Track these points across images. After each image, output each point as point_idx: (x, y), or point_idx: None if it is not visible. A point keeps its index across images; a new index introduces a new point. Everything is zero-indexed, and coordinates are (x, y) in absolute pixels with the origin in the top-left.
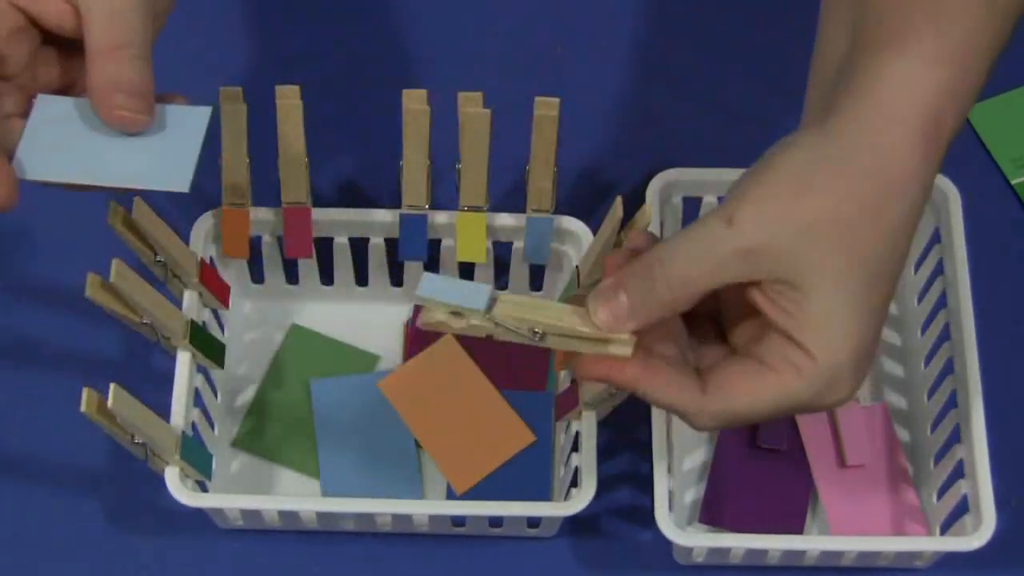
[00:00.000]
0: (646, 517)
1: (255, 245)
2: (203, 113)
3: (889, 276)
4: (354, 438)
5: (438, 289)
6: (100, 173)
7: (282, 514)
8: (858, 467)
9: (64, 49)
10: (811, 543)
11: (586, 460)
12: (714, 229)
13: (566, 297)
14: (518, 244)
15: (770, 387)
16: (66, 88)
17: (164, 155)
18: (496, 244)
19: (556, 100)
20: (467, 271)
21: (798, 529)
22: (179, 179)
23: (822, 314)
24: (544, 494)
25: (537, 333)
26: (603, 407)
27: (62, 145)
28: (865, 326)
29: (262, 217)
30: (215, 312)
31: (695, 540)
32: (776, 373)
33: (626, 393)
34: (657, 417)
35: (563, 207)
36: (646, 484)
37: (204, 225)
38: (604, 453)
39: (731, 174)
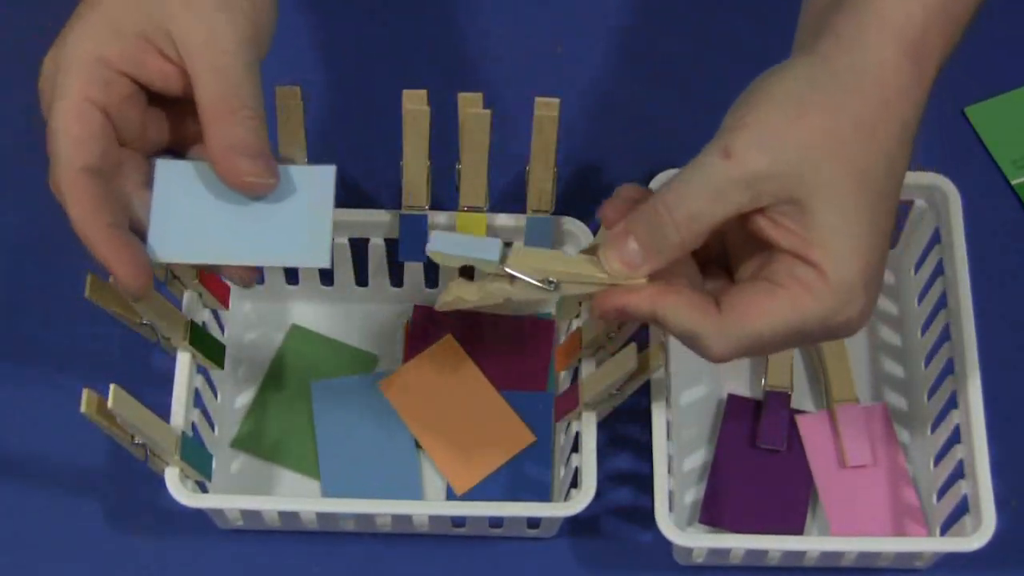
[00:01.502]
0: (646, 518)
1: None
2: (328, 172)
3: (889, 195)
4: (354, 439)
5: (450, 244)
6: (233, 252)
7: (282, 515)
8: (858, 467)
9: (170, 107)
10: (811, 544)
11: (586, 460)
12: (713, 164)
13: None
14: (518, 244)
15: (784, 305)
16: (178, 144)
17: (296, 224)
18: None
19: (556, 100)
20: (467, 273)
21: (798, 530)
22: (316, 253)
23: (829, 229)
24: (544, 495)
25: (552, 283)
26: (603, 407)
27: (191, 222)
28: (871, 243)
29: None
30: (215, 313)
31: (695, 541)
32: (788, 290)
33: (627, 394)
34: (657, 417)
35: (563, 207)
36: (646, 484)
37: None
38: (604, 454)
39: None
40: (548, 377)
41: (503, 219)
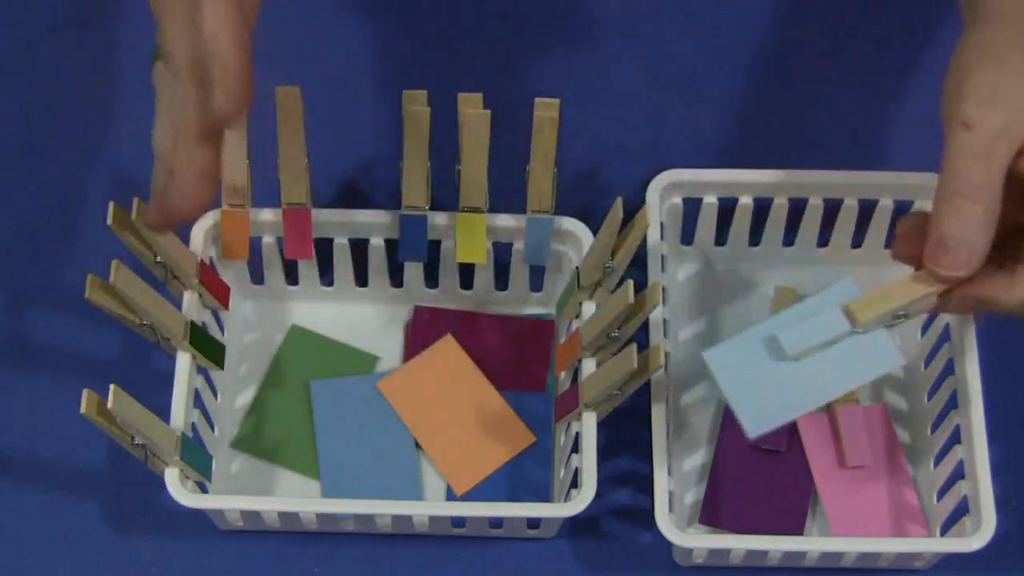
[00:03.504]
0: (646, 518)
1: (255, 246)
2: (849, 287)
3: None
4: (354, 439)
5: (800, 341)
6: (823, 394)
7: (282, 515)
8: (858, 468)
9: None
10: (811, 544)
11: (586, 461)
12: (962, 138)
13: (565, 300)
14: (518, 245)
15: None
16: None
17: (860, 347)
18: (496, 245)
19: (556, 101)
20: (467, 272)
21: (798, 530)
22: (889, 359)
23: None
24: (544, 495)
25: (903, 315)
26: (603, 408)
27: (768, 389)
28: None
29: (262, 218)
30: (215, 313)
31: (695, 541)
32: None
33: (627, 394)
34: (657, 417)
35: (563, 207)
36: (646, 485)
37: (204, 226)
38: (604, 454)
39: (731, 174)
40: (548, 378)
41: (503, 219)
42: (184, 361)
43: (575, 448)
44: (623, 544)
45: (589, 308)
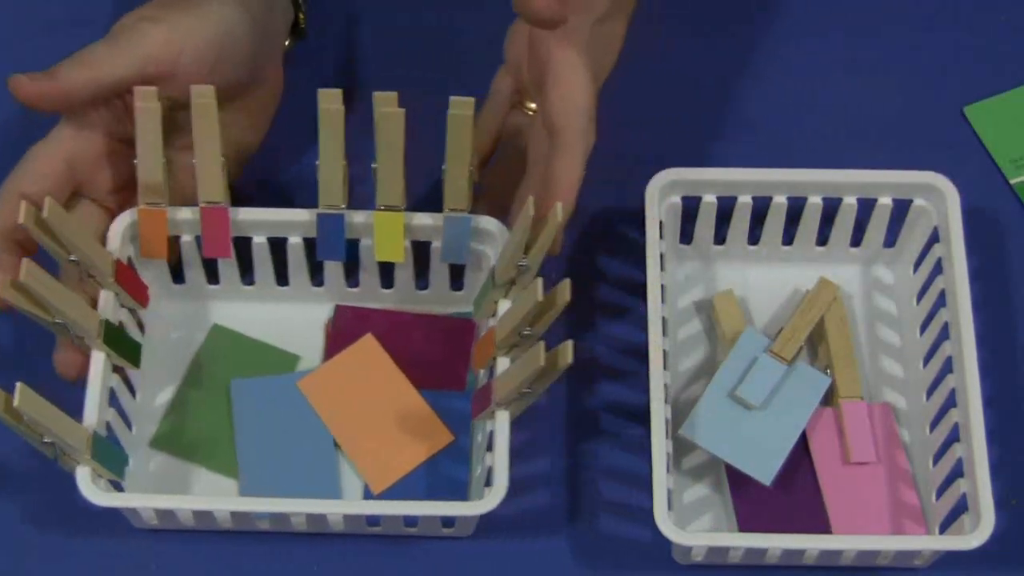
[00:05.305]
0: (645, 516)
1: (177, 245)
2: (754, 337)
3: None
4: (273, 438)
5: (758, 389)
6: (795, 427)
7: (196, 514)
8: (860, 465)
9: None
10: (810, 542)
11: (499, 459)
12: None
13: (482, 299)
14: (437, 244)
15: None
16: None
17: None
18: (417, 244)
19: (471, 100)
20: (388, 271)
21: (825, 527)
22: (820, 380)
23: None
24: (462, 494)
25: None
26: (516, 406)
27: (754, 438)
28: None
29: (180, 217)
30: (137, 312)
31: (694, 539)
32: None
33: (538, 392)
34: (656, 416)
35: None
36: (645, 483)
37: (122, 225)
38: (603, 452)
39: (731, 174)
40: (469, 376)
41: (421, 218)
42: (98, 360)
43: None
44: (622, 542)
45: (505, 307)
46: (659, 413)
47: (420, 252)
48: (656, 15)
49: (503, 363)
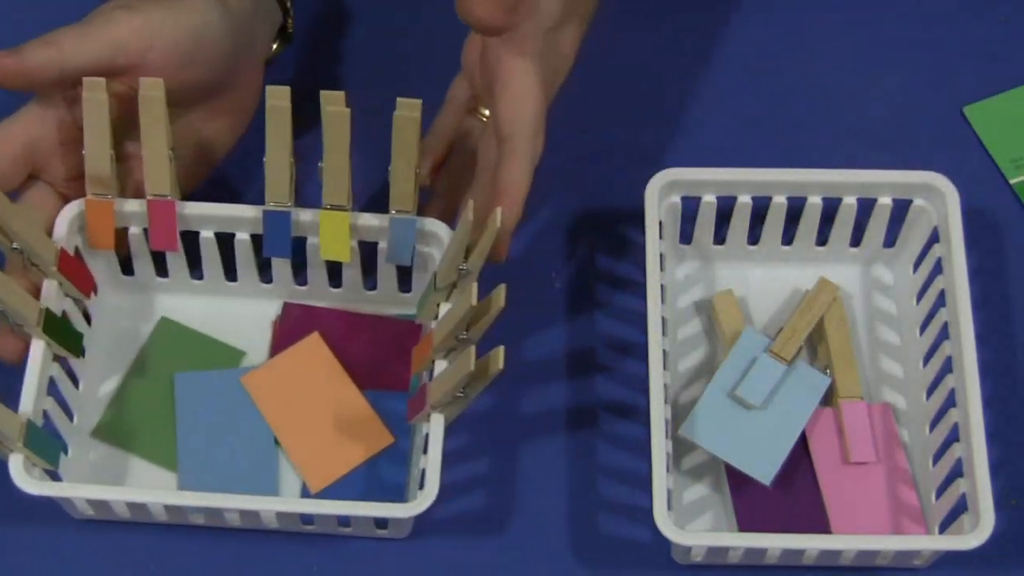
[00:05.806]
0: (645, 516)
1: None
2: (753, 336)
3: None
4: (215, 433)
5: (757, 389)
6: (795, 426)
7: (131, 506)
8: (860, 465)
9: None
10: (810, 542)
11: (432, 462)
12: None
13: (424, 301)
14: (384, 244)
15: None
16: None
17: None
18: (365, 244)
19: (418, 101)
20: (335, 270)
21: (825, 527)
22: (820, 381)
23: None
24: (400, 495)
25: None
26: (450, 410)
27: (753, 438)
28: None
29: (128, 209)
30: (84, 302)
31: (694, 539)
32: None
33: (471, 396)
34: (656, 416)
35: (562, 206)
36: (645, 483)
37: (69, 215)
38: (604, 452)
39: (731, 174)
40: (413, 378)
41: (366, 218)
42: (37, 348)
43: (425, 449)
44: (621, 542)
45: (445, 310)
46: (659, 413)
47: (369, 253)
48: (656, 15)
49: (440, 366)
